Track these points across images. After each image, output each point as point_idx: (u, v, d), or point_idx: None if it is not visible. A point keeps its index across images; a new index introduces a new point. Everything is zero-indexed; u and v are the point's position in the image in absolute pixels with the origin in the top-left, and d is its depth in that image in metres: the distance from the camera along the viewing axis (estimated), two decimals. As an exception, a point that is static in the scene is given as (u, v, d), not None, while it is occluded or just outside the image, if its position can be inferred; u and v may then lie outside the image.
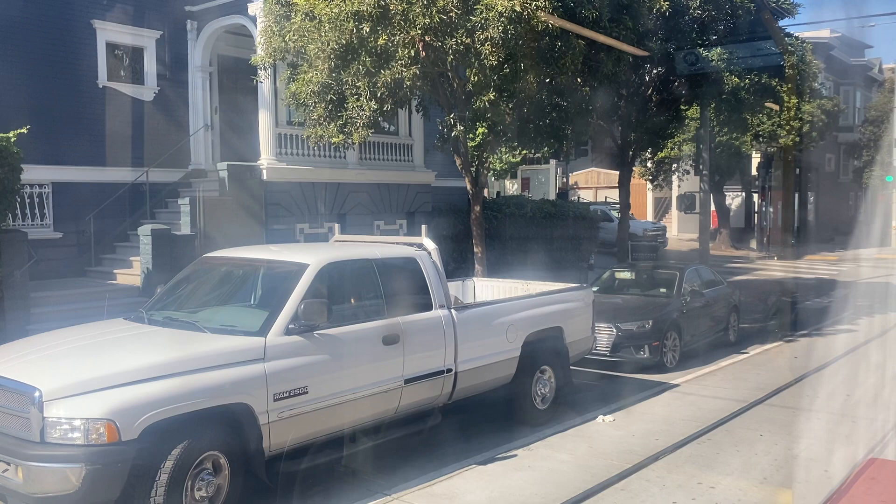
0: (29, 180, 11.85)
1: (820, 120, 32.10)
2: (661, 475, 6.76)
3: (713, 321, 12.58)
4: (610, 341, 10.72)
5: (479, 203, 12.67)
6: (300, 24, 10.24)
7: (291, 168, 14.42)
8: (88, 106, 13.91)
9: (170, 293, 7.15)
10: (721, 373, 11.01)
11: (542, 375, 8.38)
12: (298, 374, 5.94)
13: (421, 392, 7.00)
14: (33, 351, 5.98)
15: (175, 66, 15.32)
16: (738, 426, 8.32)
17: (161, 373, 5.30)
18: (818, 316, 15.72)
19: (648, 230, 28.88)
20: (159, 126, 14.98)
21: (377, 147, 16.33)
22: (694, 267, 13.42)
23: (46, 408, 4.99)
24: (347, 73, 10.08)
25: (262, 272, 7.05)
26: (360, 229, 15.05)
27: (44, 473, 4.97)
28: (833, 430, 7.99)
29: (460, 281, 10.08)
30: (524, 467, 6.94)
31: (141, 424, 5.03)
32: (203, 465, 5.39)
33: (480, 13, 9.62)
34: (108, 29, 14.17)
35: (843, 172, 44.21)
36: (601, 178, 38.46)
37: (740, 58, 16.09)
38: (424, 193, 17.31)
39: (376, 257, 7.15)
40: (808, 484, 6.47)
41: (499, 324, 7.85)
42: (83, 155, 13.70)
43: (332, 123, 10.74)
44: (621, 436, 7.91)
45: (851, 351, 12.14)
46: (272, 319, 6.03)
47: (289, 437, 5.91)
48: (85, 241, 13.67)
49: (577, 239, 20.34)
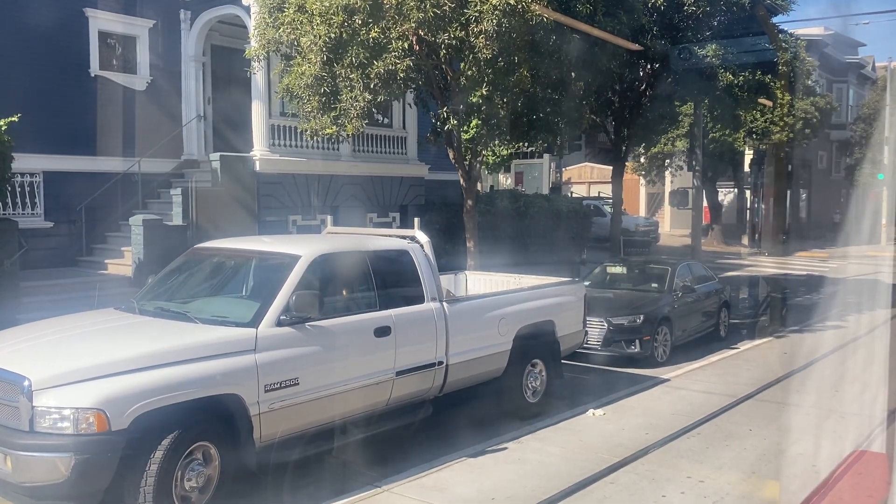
0: (20, 169, 11.78)
1: (813, 117, 32.20)
2: (650, 469, 6.79)
3: (704, 316, 12.63)
4: (601, 335, 10.75)
5: (473, 196, 12.66)
6: (293, 16, 10.20)
7: (284, 160, 14.38)
8: (80, 95, 13.83)
9: (161, 283, 7.13)
10: (711, 368, 11.06)
11: (533, 369, 8.41)
12: (290, 366, 5.93)
13: (412, 384, 7.01)
14: (23, 340, 5.95)
15: (168, 56, 15.23)
16: (728, 421, 8.36)
17: (151, 363, 5.28)
18: (808, 312, 15.81)
19: (641, 225, 28.95)
20: (152, 116, 14.90)
21: (371, 139, 16.30)
22: (685, 262, 13.46)
23: (36, 397, 4.97)
24: (340, 65, 10.05)
25: (253, 263, 7.04)
26: (352, 221, 15.03)
27: (33, 463, 4.96)
28: (821, 425, 8.05)
29: (452, 274, 10.08)
30: (514, 460, 6.96)
31: (131, 414, 5.02)
32: (193, 456, 5.38)
33: (474, 6, 9.60)
34: (100, 17, 14.08)
35: (836, 170, 44.39)
36: (594, 173, 38.48)
37: (735, 54, 16.11)
38: (418, 186, 17.30)
39: (369, 250, 7.15)
40: (796, 477, 6.52)
41: (490, 317, 7.86)
42: (75, 144, 13.63)
43: (325, 115, 10.72)
44: (612, 429, 7.94)
45: (840, 347, 12.21)
46: (264, 310, 6.02)
47: (279, 429, 5.91)
48: (76, 231, 13.61)
49: (569, 233, 20.38)
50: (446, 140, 12.09)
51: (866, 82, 46.03)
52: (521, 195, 20.48)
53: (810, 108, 31.73)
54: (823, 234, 36.11)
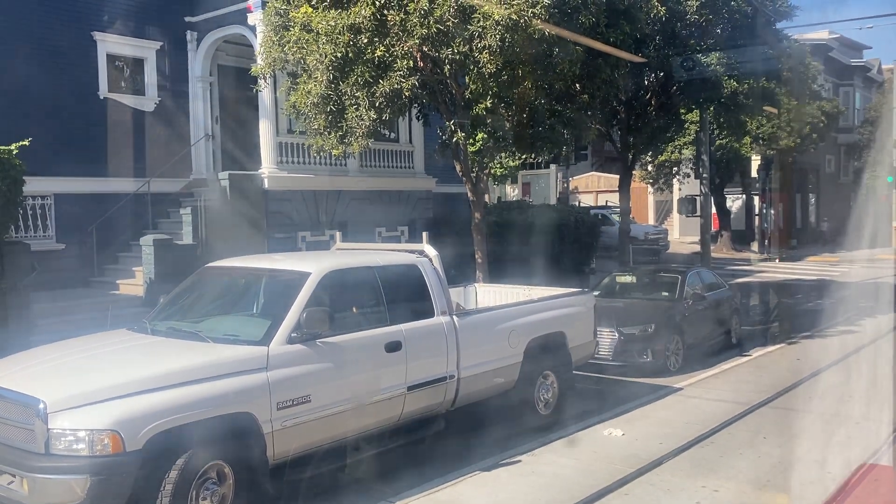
0: (31, 192, 11.89)
1: (820, 121, 32.10)
2: (664, 479, 6.77)
3: (715, 324, 12.57)
4: (612, 345, 10.72)
5: (480, 209, 12.70)
6: (298, 35, 10.29)
7: (292, 176, 14.46)
8: (90, 117, 13.98)
9: (173, 303, 7.17)
10: (724, 376, 11.01)
11: (544, 381, 8.39)
12: (301, 383, 5.95)
13: (424, 399, 7.01)
14: (37, 362, 6.00)
15: (175, 76, 15.38)
16: (741, 429, 8.32)
17: (165, 383, 5.32)
18: (820, 317, 15.71)
19: (650, 233, 28.86)
20: (160, 136, 15.04)
21: (378, 154, 16.37)
22: (695, 270, 13.44)
23: (51, 419, 5.01)
24: (346, 83, 10.13)
25: (264, 281, 7.07)
26: (361, 237, 15.05)
27: (49, 485, 4.99)
28: (835, 433, 7.99)
29: (462, 287, 10.08)
30: (528, 473, 6.95)
31: (145, 435, 5.05)
32: (207, 475, 5.39)
33: (478, 22, 9.67)
34: (108, 41, 14.25)
35: (844, 173, 44.19)
36: (602, 182, 38.46)
37: (739, 62, 16.11)
38: (425, 200, 17.34)
39: (378, 265, 7.18)
40: (810, 487, 6.47)
41: (501, 329, 7.87)
42: (85, 166, 13.76)
43: (332, 133, 10.79)
44: (625, 440, 7.92)
45: (854, 352, 12.12)
46: (275, 328, 6.05)
47: (292, 446, 5.93)
48: (87, 252, 13.71)
49: (578, 243, 20.33)
50: (453, 153, 12.14)
51: (872, 85, 45.87)
52: (528, 206, 20.48)
53: (817, 112, 31.64)
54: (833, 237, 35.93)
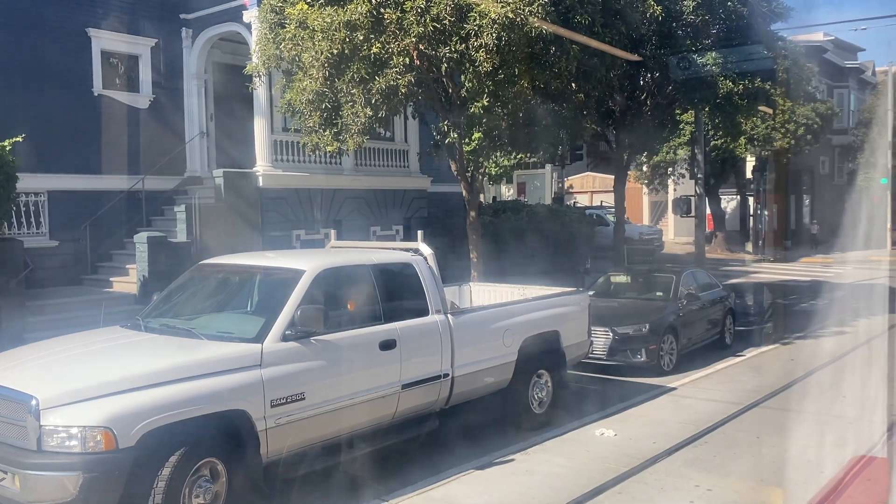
0: (24, 189, 11.85)
1: (814, 123, 32.20)
2: (658, 478, 6.77)
3: (709, 324, 12.61)
4: (606, 345, 10.73)
5: (475, 208, 12.69)
6: (294, 32, 10.27)
7: (287, 175, 14.44)
8: (84, 114, 13.93)
9: (166, 300, 7.15)
10: (717, 376, 11.03)
11: (538, 379, 8.39)
12: (295, 381, 5.94)
13: (418, 397, 7.01)
14: (30, 359, 5.98)
15: (170, 73, 15.34)
16: (735, 429, 8.34)
17: (158, 380, 5.30)
18: (814, 318, 15.76)
19: (644, 234, 28.89)
20: (155, 134, 14.99)
21: (373, 153, 16.36)
22: (690, 270, 13.46)
23: (43, 416, 4.99)
24: (342, 80, 10.11)
25: (258, 279, 7.07)
26: (356, 235, 15.05)
27: (41, 482, 4.97)
28: (828, 432, 8.01)
29: (457, 286, 10.08)
30: (522, 471, 6.95)
31: (138, 432, 5.04)
32: (201, 472, 5.38)
33: (474, 20, 9.65)
34: (103, 37, 14.19)
35: (838, 175, 44.34)
36: (597, 182, 38.51)
37: (734, 62, 16.14)
38: (420, 199, 17.34)
39: (372, 263, 7.17)
40: (803, 484, 6.49)
41: (495, 328, 7.87)
42: (79, 163, 13.72)
43: (327, 131, 10.77)
44: (619, 439, 7.92)
45: (847, 353, 12.17)
46: (269, 326, 6.04)
47: (286, 444, 5.92)
48: (81, 250, 13.67)
49: (572, 243, 20.37)
50: (448, 152, 12.13)
51: (867, 87, 46.05)
52: (523, 205, 20.50)
53: (811, 113, 31.73)
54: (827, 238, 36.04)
